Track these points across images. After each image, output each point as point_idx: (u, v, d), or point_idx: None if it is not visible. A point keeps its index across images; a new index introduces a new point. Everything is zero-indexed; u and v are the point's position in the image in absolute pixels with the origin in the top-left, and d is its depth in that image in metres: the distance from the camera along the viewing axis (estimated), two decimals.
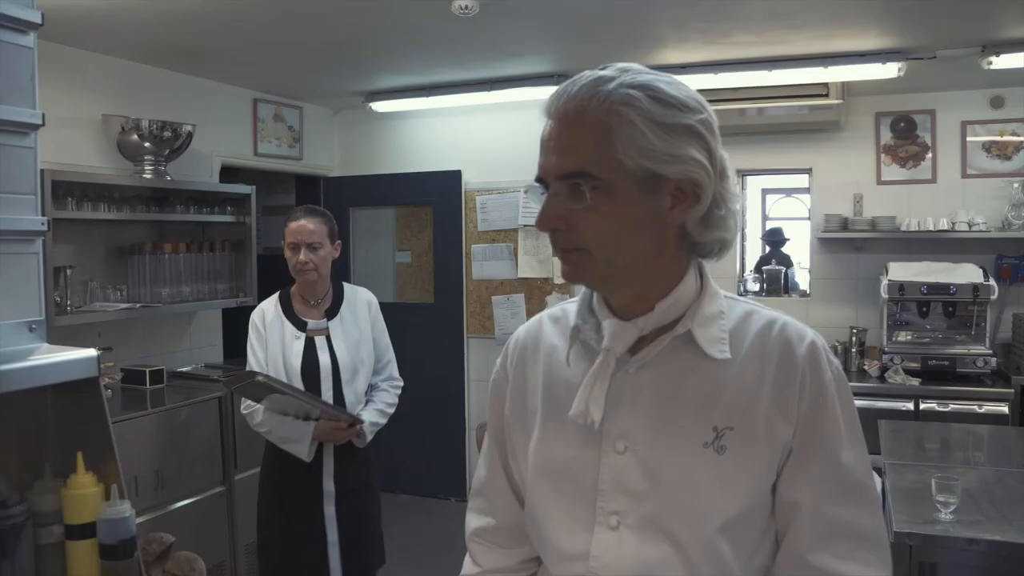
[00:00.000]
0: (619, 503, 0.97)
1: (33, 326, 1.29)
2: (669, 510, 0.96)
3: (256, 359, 2.67)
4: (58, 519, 1.26)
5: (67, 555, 1.26)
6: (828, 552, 0.95)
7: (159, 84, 3.93)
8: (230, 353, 4.32)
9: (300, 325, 2.71)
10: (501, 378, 1.15)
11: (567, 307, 1.10)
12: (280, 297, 2.77)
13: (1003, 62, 3.48)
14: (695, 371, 0.98)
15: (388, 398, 2.83)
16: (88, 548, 1.25)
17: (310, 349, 2.67)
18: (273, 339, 2.68)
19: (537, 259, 4.66)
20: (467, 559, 1.18)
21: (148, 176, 3.65)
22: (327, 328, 2.72)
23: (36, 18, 1.24)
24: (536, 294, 4.68)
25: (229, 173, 4.44)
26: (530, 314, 4.67)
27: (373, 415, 2.74)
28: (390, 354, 2.88)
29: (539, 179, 0.97)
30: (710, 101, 1.00)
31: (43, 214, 1.31)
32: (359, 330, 2.77)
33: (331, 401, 2.66)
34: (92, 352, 1.28)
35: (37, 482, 1.27)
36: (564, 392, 1.03)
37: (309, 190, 5.18)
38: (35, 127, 1.27)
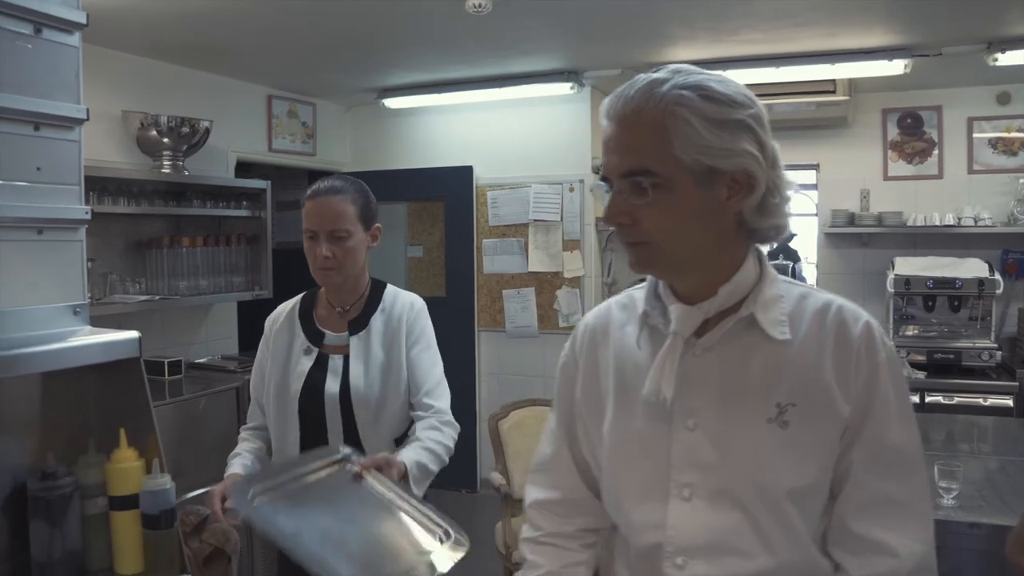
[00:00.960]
0: (691, 476, 1.05)
1: (77, 309, 1.36)
2: (738, 481, 1.03)
3: (254, 379, 2.06)
4: (102, 491, 1.33)
5: (111, 525, 1.33)
6: (870, 521, 1.02)
7: (177, 81, 4.00)
8: (245, 345, 4.41)
9: (315, 337, 1.98)
10: (570, 362, 1.22)
11: (634, 294, 1.18)
12: (303, 298, 2.08)
13: (1008, 59, 3.52)
14: (758, 351, 1.05)
15: (438, 436, 1.91)
16: (131, 518, 1.32)
17: (319, 370, 1.93)
18: (277, 352, 2.00)
19: (547, 253, 4.72)
20: (526, 526, 1.26)
21: (167, 171, 3.73)
22: (348, 345, 1.96)
23: (81, 19, 1.31)
24: (546, 288, 4.74)
25: (244, 168, 4.52)
26: (540, 308, 4.74)
27: (417, 453, 1.81)
28: (433, 379, 2.00)
29: (603, 178, 1.04)
30: None
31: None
32: (391, 352, 1.97)
33: (341, 445, 1.75)
34: (134, 334, 1.36)
35: (82, 457, 1.35)
36: (634, 373, 1.11)
37: None
38: (80, 121, 1.34)
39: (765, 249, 1.11)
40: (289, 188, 5.48)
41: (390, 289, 2.09)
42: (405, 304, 2.04)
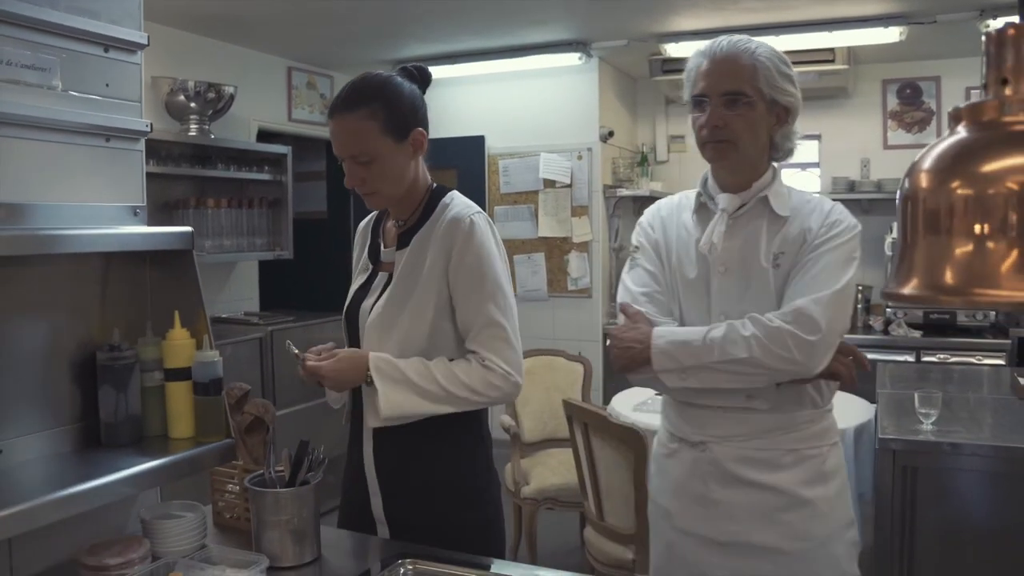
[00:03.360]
0: (725, 304, 1.59)
1: (137, 211, 1.55)
2: (752, 305, 1.55)
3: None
4: (159, 367, 1.52)
5: (166, 394, 1.51)
6: (800, 295, 1.52)
7: (201, 52, 4.19)
8: (265, 304, 4.61)
9: (375, 252, 1.80)
10: (649, 230, 1.74)
11: (689, 193, 1.72)
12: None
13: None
14: (767, 222, 1.60)
15: (453, 366, 1.63)
16: (184, 388, 1.51)
17: (365, 288, 1.76)
18: (356, 264, 1.85)
19: (557, 219, 4.89)
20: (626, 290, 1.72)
21: (193, 134, 3.92)
22: (394, 262, 1.72)
23: None
24: (556, 253, 4.91)
25: (264, 138, 4.70)
26: (550, 272, 4.92)
27: (391, 387, 1.58)
28: (484, 316, 1.65)
29: (699, 96, 1.55)
30: None
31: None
32: (421, 271, 1.66)
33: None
34: (187, 229, 1.54)
35: (140, 338, 1.53)
36: (687, 238, 1.66)
37: None
38: (141, 46, 1.52)
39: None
40: (307, 159, 5.68)
41: (448, 199, 1.74)
42: (452, 224, 1.65)
